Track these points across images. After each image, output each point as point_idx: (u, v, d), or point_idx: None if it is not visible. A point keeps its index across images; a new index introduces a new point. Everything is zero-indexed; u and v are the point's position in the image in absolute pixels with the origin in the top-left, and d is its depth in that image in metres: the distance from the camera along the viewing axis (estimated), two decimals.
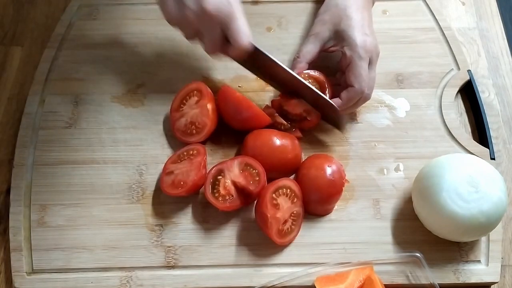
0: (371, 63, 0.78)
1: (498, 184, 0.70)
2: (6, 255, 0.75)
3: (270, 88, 0.84)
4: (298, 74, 0.78)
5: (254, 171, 0.74)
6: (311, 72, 0.81)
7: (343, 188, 0.75)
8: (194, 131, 0.78)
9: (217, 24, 0.71)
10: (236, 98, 0.77)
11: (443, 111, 0.83)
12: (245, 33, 0.72)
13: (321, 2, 0.92)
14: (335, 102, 0.78)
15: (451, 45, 0.88)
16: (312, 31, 0.82)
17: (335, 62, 0.81)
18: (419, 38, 0.89)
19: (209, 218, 0.76)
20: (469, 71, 0.86)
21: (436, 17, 0.90)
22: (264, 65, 0.78)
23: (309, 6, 0.92)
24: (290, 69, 0.79)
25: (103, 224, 0.75)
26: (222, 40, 0.73)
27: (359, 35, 0.77)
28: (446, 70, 0.86)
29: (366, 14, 0.81)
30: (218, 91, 0.79)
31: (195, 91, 0.80)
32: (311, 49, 0.81)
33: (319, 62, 0.82)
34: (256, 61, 0.77)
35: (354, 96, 0.77)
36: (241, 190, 0.73)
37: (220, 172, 0.74)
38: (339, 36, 0.79)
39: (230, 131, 0.80)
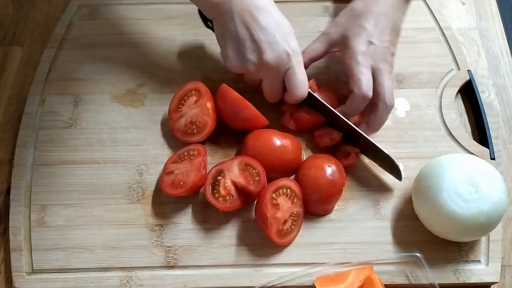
0: (377, 70, 0.76)
1: (498, 184, 0.70)
2: (6, 255, 0.75)
3: None
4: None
5: (254, 171, 0.74)
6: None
7: (343, 188, 0.75)
8: (195, 130, 0.78)
9: (276, 75, 0.75)
10: (234, 98, 0.77)
11: (443, 111, 0.83)
12: (302, 85, 0.76)
13: (322, 2, 0.92)
14: (341, 108, 0.77)
15: (451, 45, 0.88)
16: (325, 30, 0.81)
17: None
18: (419, 38, 0.89)
19: (209, 218, 0.76)
20: (469, 71, 0.86)
21: (436, 17, 0.90)
22: (320, 110, 0.79)
23: (309, 6, 0.92)
24: None
25: (103, 224, 0.75)
26: (281, 88, 0.77)
27: (361, 42, 0.76)
28: (446, 70, 0.86)
29: (383, 22, 0.78)
30: (218, 91, 0.80)
31: (193, 91, 0.80)
32: (317, 48, 0.80)
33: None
34: (311, 103, 0.79)
35: (355, 101, 0.75)
36: (241, 190, 0.73)
37: (220, 172, 0.74)
38: (345, 43, 0.78)
39: (230, 131, 0.80)
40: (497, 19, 0.93)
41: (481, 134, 0.83)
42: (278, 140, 0.76)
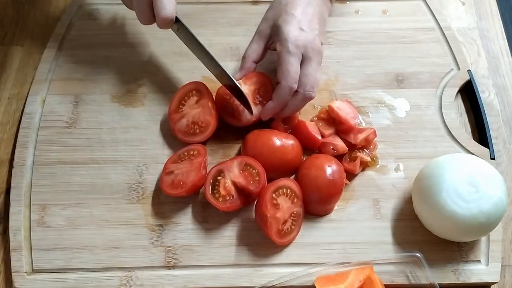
0: (306, 59, 0.76)
1: (498, 184, 0.70)
2: (6, 255, 0.75)
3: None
4: (245, 74, 0.79)
5: (254, 171, 0.74)
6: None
7: (343, 188, 0.75)
8: (197, 130, 0.78)
9: None
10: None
11: (443, 111, 0.83)
12: (166, 6, 0.74)
13: None
14: (271, 105, 0.76)
15: (451, 45, 0.88)
16: (257, 29, 0.81)
17: None
18: (419, 38, 0.89)
19: (209, 218, 0.76)
20: (469, 71, 0.86)
21: (436, 17, 0.90)
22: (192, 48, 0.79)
23: None
24: (239, 69, 0.80)
25: (103, 224, 0.75)
26: (149, 9, 0.75)
27: (292, 29, 0.76)
28: (446, 70, 0.86)
29: (311, 10, 0.78)
30: (216, 90, 0.80)
31: (194, 91, 0.80)
32: (254, 48, 0.80)
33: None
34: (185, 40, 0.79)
35: (282, 93, 0.75)
36: (241, 190, 0.73)
37: (220, 172, 0.74)
38: (277, 32, 0.77)
39: (231, 131, 0.81)
40: (497, 19, 0.93)
41: (481, 134, 0.83)
42: (278, 140, 0.76)
